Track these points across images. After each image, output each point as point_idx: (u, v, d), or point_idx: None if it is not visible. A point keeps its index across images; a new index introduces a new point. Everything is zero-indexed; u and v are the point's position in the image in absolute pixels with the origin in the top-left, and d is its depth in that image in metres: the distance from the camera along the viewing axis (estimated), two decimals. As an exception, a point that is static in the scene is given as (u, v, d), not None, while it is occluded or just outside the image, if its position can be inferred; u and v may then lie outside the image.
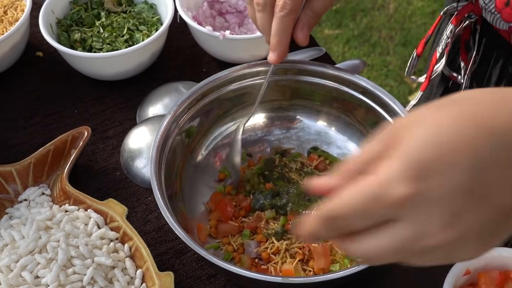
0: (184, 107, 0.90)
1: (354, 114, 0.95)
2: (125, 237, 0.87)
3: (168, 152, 0.87)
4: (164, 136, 0.87)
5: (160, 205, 0.79)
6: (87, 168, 1.01)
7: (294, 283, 0.73)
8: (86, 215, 0.89)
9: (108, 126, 1.06)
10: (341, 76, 0.92)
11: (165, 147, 0.87)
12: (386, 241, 0.43)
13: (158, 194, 0.80)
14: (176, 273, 0.88)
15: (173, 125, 0.89)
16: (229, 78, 0.93)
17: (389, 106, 0.88)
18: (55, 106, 1.09)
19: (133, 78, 1.12)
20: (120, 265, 0.85)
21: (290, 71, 0.94)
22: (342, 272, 0.73)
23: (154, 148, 0.85)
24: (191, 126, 0.92)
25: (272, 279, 0.74)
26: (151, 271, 0.83)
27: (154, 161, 0.84)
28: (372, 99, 0.90)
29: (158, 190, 0.81)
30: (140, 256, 0.85)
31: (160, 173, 0.84)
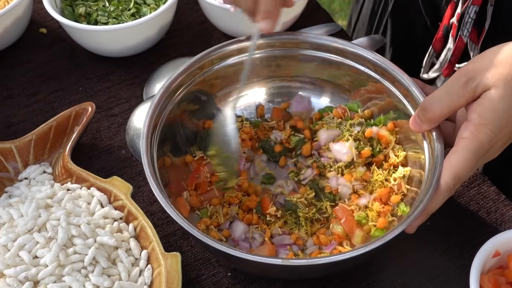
0: (180, 81, 0.84)
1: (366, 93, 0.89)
2: (129, 216, 0.82)
3: (162, 127, 0.82)
4: (157, 110, 0.82)
5: (148, 178, 0.75)
6: (92, 146, 0.96)
7: (295, 265, 0.69)
8: (89, 194, 0.84)
9: (113, 103, 1.01)
10: (357, 54, 0.86)
11: (158, 122, 0.82)
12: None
13: (148, 169, 0.76)
14: (184, 255, 0.83)
15: (168, 100, 0.84)
16: (229, 50, 0.87)
17: (409, 91, 0.82)
18: (59, 83, 1.05)
19: (140, 54, 1.07)
20: (124, 245, 0.80)
21: (289, 43, 0.88)
22: (347, 253, 0.69)
23: (146, 123, 0.80)
24: (187, 102, 0.87)
25: (271, 261, 0.69)
26: (156, 251, 0.78)
27: (145, 137, 0.79)
28: (388, 79, 0.84)
29: (148, 167, 0.76)
30: (146, 236, 0.80)
31: (151, 149, 0.79)
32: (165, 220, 0.87)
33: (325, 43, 0.87)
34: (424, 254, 0.83)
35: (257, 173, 0.89)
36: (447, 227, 0.85)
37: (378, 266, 0.82)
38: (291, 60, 0.89)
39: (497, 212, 0.86)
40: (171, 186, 0.83)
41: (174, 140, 0.86)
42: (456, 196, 0.88)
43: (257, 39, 0.83)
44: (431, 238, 0.84)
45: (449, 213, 0.86)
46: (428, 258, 0.83)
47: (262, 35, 0.85)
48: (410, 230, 0.71)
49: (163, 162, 0.83)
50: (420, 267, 0.82)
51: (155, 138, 0.81)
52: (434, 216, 0.82)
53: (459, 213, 0.87)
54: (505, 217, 0.86)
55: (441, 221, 0.85)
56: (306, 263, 0.71)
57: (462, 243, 0.84)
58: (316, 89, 0.92)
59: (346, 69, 0.87)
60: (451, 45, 0.91)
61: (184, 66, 0.84)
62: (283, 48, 0.88)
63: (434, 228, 0.85)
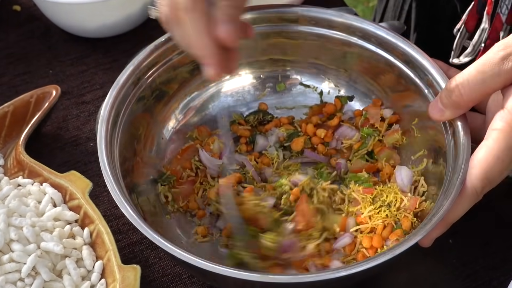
0: (152, 59, 0.71)
1: (379, 79, 0.75)
2: (86, 219, 0.68)
3: (126, 117, 0.68)
4: (120, 95, 0.68)
5: (102, 162, 0.62)
6: (55, 137, 0.83)
7: (275, 282, 0.54)
8: (41, 190, 0.71)
9: (86, 89, 0.88)
10: (381, 37, 0.71)
11: (121, 111, 0.68)
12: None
13: (106, 165, 0.62)
14: (149, 269, 0.69)
15: (135, 81, 0.70)
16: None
17: (430, 76, 0.67)
18: (27, 66, 0.92)
19: (122, 36, 0.95)
20: (74, 254, 0.65)
21: (287, 20, 0.74)
22: (342, 270, 0.55)
23: (106, 112, 0.66)
24: (160, 83, 0.73)
25: (247, 276, 0.54)
26: (112, 263, 0.64)
27: (104, 127, 0.65)
28: (409, 65, 0.70)
29: (107, 164, 0.62)
30: (102, 244, 0.66)
31: (112, 141, 0.65)
32: (132, 226, 0.72)
33: (327, 18, 0.72)
34: (443, 279, 0.68)
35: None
36: (473, 246, 0.70)
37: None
38: (287, 38, 0.75)
39: (536, 230, 0.70)
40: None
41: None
42: (485, 209, 0.72)
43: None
44: (452, 259, 0.69)
45: (476, 230, 0.71)
46: (448, 284, 0.67)
47: (251, 9, 0.71)
48: (425, 243, 0.57)
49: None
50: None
51: (119, 123, 0.68)
52: (457, 232, 0.67)
53: (489, 230, 0.71)
54: (546, 236, 0.70)
55: (465, 237, 0.70)
56: (293, 280, 0.56)
57: (491, 267, 0.68)
58: (317, 73, 0.77)
59: (353, 49, 0.73)
60: (485, 25, 0.75)
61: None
62: (277, 24, 0.74)
63: (457, 246, 0.70)
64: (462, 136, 0.60)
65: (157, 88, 0.72)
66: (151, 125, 0.73)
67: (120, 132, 0.67)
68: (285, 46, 0.76)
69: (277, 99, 0.79)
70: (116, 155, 0.65)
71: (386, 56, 0.71)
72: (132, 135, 0.69)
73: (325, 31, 0.74)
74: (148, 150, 0.72)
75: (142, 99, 0.71)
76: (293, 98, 0.78)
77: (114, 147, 0.65)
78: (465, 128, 0.61)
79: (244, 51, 0.76)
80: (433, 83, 0.66)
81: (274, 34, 0.75)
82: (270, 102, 0.79)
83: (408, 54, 0.69)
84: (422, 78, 0.68)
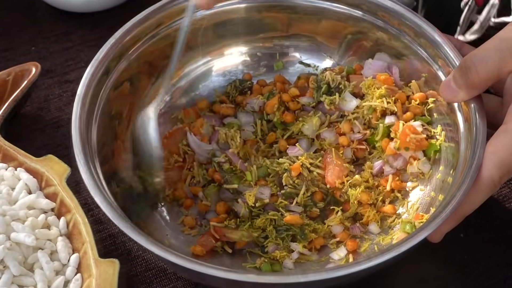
0: (136, 33, 0.65)
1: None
2: (62, 208, 0.63)
3: (106, 96, 0.62)
4: (100, 72, 0.62)
5: (80, 163, 0.56)
6: (36, 118, 0.77)
7: (273, 283, 0.48)
8: (15, 176, 0.65)
9: (70, 67, 0.82)
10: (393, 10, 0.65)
11: (101, 90, 0.62)
12: None
13: (80, 151, 0.57)
14: (132, 262, 0.64)
15: (116, 57, 0.64)
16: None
17: (442, 54, 0.61)
18: (9, 42, 0.86)
19: (110, 10, 0.89)
20: (48, 246, 0.60)
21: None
22: (342, 269, 0.49)
23: (82, 91, 0.60)
24: (144, 60, 0.67)
25: (227, 275, 0.48)
26: (89, 256, 0.58)
27: (79, 107, 0.59)
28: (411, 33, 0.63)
29: (81, 149, 0.57)
30: (79, 235, 0.60)
31: (89, 124, 0.59)
32: (114, 215, 0.67)
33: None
34: (453, 277, 0.62)
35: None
36: (486, 241, 0.64)
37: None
38: (285, 12, 0.69)
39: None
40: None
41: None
42: (500, 201, 0.66)
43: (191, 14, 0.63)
44: (464, 255, 0.63)
45: (489, 223, 0.64)
46: (458, 282, 0.61)
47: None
48: (435, 238, 0.52)
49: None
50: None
51: (98, 104, 0.62)
52: (470, 225, 0.60)
53: (503, 223, 0.65)
54: None
55: (478, 232, 0.64)
56: (288, 280, 0.50)
57: (506, 264, 0.62)
58: (318, 50, 0.71)
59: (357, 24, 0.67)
60: (496, 0, 0.69)
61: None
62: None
63: (469, 241, 0.63)
64: (478, 120, 0.54)
65: (141, 65, 0.66)
66: (135, 106, 0.67)
67: (99, 113, 0.61)
68: (283, 21, 0.69)
69: (270, 79, 0.72)
70: (94, 139, 0.59)
71: (394, 32, 0.65)
72: (113, 117, 0.63)
73: (327, 4, 0.67)
74: (131, 133, 0.66)
75: (125, 77, 0.65)
76: (291, 78, 0.71)
77: (91, 131, 0.60)
78: (481, 112, 0.54)
79: (237, 27, 0.70)
80: (446, 61, 0.60)
81: (270, 8, 0.68)
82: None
83: (418, 29, 0.62)
84: (433, 56, 0.62)
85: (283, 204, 0.62)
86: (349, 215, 0.62)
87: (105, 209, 0.53)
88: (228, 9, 0.68)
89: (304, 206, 0.62)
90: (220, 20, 0.69)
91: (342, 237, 0.61)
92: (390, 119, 0.64)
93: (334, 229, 0.62)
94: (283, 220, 0.61)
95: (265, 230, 0.61)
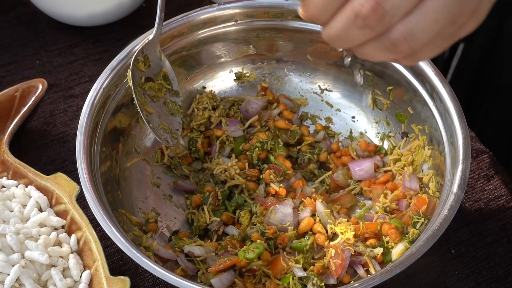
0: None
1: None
2: (73, 225, 0.65)
3: (108, 120, 0.66)
4: (100, 99, 0.65)
5: (79, 167, 0.61)
6: (42, 133, 0.79)
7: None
8: (26, 194, 0.67)
9: (75, 81, 0.84)
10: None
11: (103, 114, 0.66)
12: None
13: (83, 173, 0.60)
14: (140, 277, 0.67)
15: (116, 85, 0.68)
16: (192, 23, 0.71)
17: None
18: (12, 55, 0.88)
19: (113, 24, 0.91)
20: (60, 263, 0.62)
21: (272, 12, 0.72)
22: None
23: (85, 116, 0.64)
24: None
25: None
26: (100, 274, 0.61)
27: (84, 129, 0.63)
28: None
29: (85, 171, 0.60)
30: (90, 252, 0.63)
31: (92, 146, 0.62)
32: (121, 231, 0.70)
33: None
34: None
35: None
36: (476, 258, 0.67)
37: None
38: (276, 33, 0.73)
39: (541, 241, 0.68)
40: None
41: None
42: (489, 218, 0.70)
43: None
44: (455, 270, 0.66)
45: (479, 240, 0.68)
46: None
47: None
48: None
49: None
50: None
51: (100, 127, 0.65)
52: (461, 243, 0.64)
53: (492, 240, 0.68)
54: (551, 247, 0.67)
55: (469, 249, 0.67)
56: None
57: (495, 279, 0.66)
58: (308, 70, 0.75)
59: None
60: None
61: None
62: (265, 19, 0.72)
63: (460, 257, 0.67)
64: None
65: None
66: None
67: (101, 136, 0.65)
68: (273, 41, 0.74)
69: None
70: (97, 163, 0.63)
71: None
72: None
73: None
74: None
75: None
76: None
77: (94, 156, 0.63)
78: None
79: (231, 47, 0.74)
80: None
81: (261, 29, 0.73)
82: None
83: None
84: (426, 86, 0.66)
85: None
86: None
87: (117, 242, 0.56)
88: (228, 31, 0.73)
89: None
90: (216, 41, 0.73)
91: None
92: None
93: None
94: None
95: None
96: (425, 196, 0.64)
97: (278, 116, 0.75)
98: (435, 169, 0.65)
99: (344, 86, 0.75)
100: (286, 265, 0.63)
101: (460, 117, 0.62)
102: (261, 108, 0.74)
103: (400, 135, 0.71)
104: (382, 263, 0.63)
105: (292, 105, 0.76)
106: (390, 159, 0.71)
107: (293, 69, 0.76)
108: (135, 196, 0.69)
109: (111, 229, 0.57)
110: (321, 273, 0.62)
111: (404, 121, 0.71)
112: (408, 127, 0.70)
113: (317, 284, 0.61)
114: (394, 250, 0.62)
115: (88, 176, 0.60)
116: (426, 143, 0.67)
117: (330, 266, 0.62)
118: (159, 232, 0.69)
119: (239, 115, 0.74)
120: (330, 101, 0.76)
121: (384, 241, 0.64)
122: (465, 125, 0.61)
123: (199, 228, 0.69)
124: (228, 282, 0.63)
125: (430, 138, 0.67)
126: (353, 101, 0.75)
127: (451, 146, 0.62)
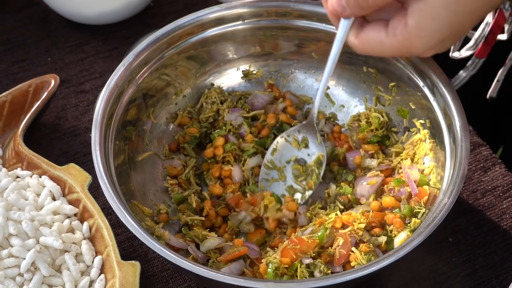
0: (143, 58, 0.70)
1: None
2: (85, 213, 0.68)
3: (121, 115, 0.69)
4: (113, 94, 0.68)
5: (95, 157, 0.63)
6: (54, 127, 0.82)
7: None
8: (39, 183, 0.70)
9: (85, 78, 0.87)
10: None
11: (116, 109, 0.68)
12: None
13: (100, 166, 0.63)
14: (149, 263, 0.69)
15: (129, 81, 0.70)
16: (201, 22, 0.73)
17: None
18: (25, 53, 0.90)
19: (122, 23, 0.93)
20: (73, 249, 0.65)
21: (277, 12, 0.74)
22: (348, 274, 0.56)
23: (99, 111, 0.66)
24: (154, 84, 0.73)
25: (252, 284, 0.55)
26: (112, 258, 0.63)
27: (99, 123, 0.65)
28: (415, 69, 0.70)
29: (101, 164, 0.63)
30: (101, 238, 0.66)
31: (107, 139, 0.65)
32: (131, 219, 0.72)
33: (315, 10, 0.73)
34: (443, 277, 0.67)
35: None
36: (473, 246, 0.70)
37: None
38: (282, 32, 0.75)
39: (536, 229, 0.70)
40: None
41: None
42: (486, 208, 0.72)
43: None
44: (452, 257, 0.69)
45: (476, 228, 0.70)
46: (447, 282, 0.67)
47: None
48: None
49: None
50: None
51: (114, 121, 0.68)
52: (458, 231, 0.67)
53: (489, 228, 0.71)
54: (545, 235, 0.70)
55: (465, 237, 0.70)
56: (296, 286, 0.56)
57: (490, 266, 0.68)
58: (313, 68, 0.78)
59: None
60: (489, 19, 0.74)
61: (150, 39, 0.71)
62: (270, 18, 0.74)
63: (457, 245, 0.69)
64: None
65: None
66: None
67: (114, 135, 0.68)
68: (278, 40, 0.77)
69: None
70: (111, 156, 0.65)
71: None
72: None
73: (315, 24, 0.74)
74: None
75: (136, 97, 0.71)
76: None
77: (108, 145, 0.66)
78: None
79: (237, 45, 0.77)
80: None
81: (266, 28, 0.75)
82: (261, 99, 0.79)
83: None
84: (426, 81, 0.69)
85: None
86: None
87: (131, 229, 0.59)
88: (237, 29, 0.75)
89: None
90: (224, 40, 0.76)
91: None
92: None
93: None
94: None
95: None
96: (426, 188, 0.67)
97: (282, 111, 0.78)
98: (436, 161, 0.68)
99: (348, 83, 0.77)
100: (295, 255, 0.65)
101: (460, 111, 0.64)
102: (267, 102, 0.77)
103: (402, 130, 0.74)
104: (386, 252, 0.66)
105: (297, 102, 0.79)
106: (392, 151, 0.73)
107: (298, 67, 0.79)
108: (147, 188, 0.72)
109: (126, 217, 0.59)
110: (328, 262, 0.65)
111: (406, 116, 0.73)
112: (410, 121, 0.73)
113: (324, 271, 0.63)
114: (397, 239, 0.65)
115: (103, 168, 0.62)
116: (428, 137, 0.70)
117: (335, 254, 0.64)
118: (170, 222, 0.71)
119: (246, 107, 0.77)
120: (334, 97, 0.78)
121: (388, 230, 0.66)
122: (464, 120, 0.64)
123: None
124: (238, 272, 0.65)
125: (431, 132, 0.69)
126: (356, 98, 0.78)
127: (451, 139, 0.65)
